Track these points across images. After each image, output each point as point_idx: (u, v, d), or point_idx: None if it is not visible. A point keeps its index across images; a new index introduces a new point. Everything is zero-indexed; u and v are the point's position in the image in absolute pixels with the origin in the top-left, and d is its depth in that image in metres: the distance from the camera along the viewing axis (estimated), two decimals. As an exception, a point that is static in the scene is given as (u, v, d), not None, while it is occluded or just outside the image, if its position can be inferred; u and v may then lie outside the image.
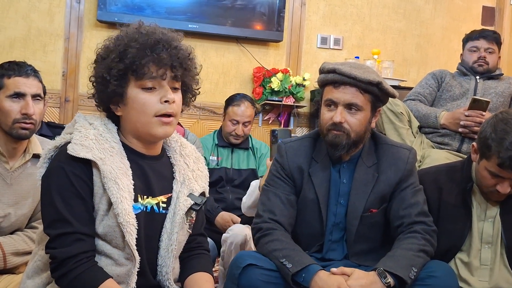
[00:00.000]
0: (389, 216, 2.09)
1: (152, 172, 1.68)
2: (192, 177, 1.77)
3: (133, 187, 1.60)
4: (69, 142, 1.57)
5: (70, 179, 1.53)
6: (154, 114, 1.60)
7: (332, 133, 2.02)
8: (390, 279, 1.82)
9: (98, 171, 1.55)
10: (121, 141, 1.65)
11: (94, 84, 1.64)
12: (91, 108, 4.33)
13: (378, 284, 1.81)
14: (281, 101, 4.57)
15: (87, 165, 1.55)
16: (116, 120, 1.68)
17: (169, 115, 1.62)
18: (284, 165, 2.11)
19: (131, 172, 1.61)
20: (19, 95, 2.10)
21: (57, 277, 1.53)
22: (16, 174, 2.14)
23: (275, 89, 4.53)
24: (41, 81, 2.20)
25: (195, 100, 1.79)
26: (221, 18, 4.51)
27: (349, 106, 2.01)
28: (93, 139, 1.58)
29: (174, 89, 1.65)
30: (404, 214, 2.04)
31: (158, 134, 1.63)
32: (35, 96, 2.14)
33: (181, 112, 1.70)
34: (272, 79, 4.53)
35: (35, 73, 2.17)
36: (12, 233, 2.15)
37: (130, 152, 1.65)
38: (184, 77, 1.67)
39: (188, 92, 1.73)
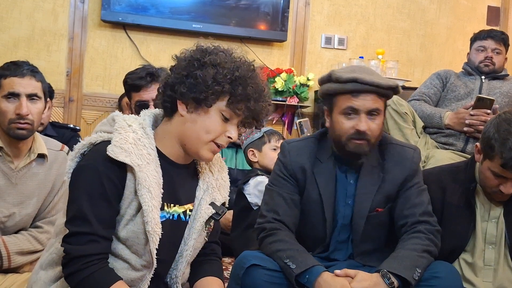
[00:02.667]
0: (394, 215, 2.09)
1: (180, 180, 1.68)
2: (215, 185, 1.76)
3: (162, 196, 1.60)
4: (106, 141, 1.56)
5: (102, 180, 1.52)
6: (213, 139, 1.62)
7: (353, 142, 1.99)
8: (394, 280, 1.82)
9: (133, 176, 1.54)
10: (156, 147, 1.63)
11: (189, 77, 1.58)
12: (95, 108, 4.35)
13: (382, 285, 1.81)
14: (285, 101, 4.57)
15: (121, 169, 1.54)
16: (168, 114, 1.66)
17: (220, 147, 1.65)
18: (287, 164, 2.11)
19: (162, 181, 1.60)
20: (13, 95, 2.09)
21: (67, 275, 1.53)
22: (21, 174, 2.15)
23: (279, 89, 4.53)
24: (40, 81, 2.16)
25: None
26: (225, 18, 4.51)
27: (371, 112, 1.99)
28: (132, 144, 1.55)
29: None
30: (408, 214, 2.04)
31: (204, 157, 1.65)
32: (31, 96, 2.11)
33: None
34: (276, 79, 4.53)
35: (32, 72, 2.13)
36: (16, 232, 2.15)
37: (164, 160, 1.64)
38: None
39: None
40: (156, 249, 1.57)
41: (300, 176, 2.09)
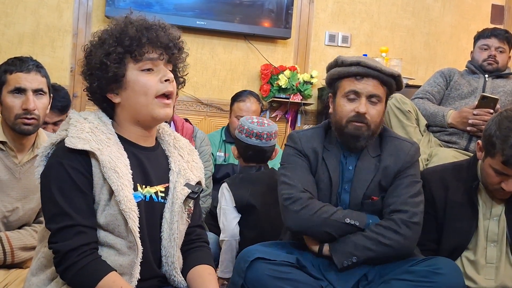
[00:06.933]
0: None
1: (149, 162, 1.70)
2: (187, 167, 1.79)
3: (132, 176, 1.62)
4: (65, 138, 1.58)
5: (69, 173, 1.55)
6: (155, 95, 1.63)
7: (353, 124, 2.09)
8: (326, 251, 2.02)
9: (96, 161, 1.56)
10: (116, 133, 1.67)
11: (92, 72, 1.64)
12: (99, 104, 4.36)
13: (315, 247, 2.04)
14: (288, 98, 4.57)
15: (85, 157, 1.57)
16: (110, 113, 1.70)
17: (168, 97, 1.66)
18: (299, 149, 2.17)
19: (128, 162, 1.63)
20: (20, 91, 2.11)
21: (61, 271, 1.54)
22: (24, 169, 2.16)
23: (283, 87, 4.52)
24: (45, 76, 2.19)
25: (183, 86, 1.82)
26: (229, 15, 4.51)
27: (371, 97, 2.08)
28: (89, 132, 1.60)
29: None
30: (391, 202, 2.08)
31: (159, 115, 1.66)
32: (37, 91, 2.14)
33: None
34: (279, 77, 4.52)
35: (37, 68, 2.16)
36: (20, 227, 2.16)
37: (126, 143, 1.67)
38: (177, 60, 1.72)
39: (177, 78, 1.77)
40: (138, 228, 1.58)
41: (313, 158, 2.16)
